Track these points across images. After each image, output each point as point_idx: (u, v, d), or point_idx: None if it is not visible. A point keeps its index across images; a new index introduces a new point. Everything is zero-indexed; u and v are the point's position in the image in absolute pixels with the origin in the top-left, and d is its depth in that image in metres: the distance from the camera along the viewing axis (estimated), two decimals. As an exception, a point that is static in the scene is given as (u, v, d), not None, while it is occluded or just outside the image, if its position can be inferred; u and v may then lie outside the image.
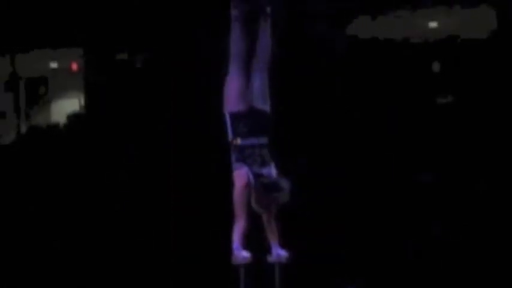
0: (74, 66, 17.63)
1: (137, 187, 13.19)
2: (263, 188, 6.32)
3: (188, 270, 11.80)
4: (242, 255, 6.33)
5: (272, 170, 6.46)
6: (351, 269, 11.19)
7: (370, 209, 11.83)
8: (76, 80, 17.45)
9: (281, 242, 6.64)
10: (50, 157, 14.50)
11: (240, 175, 6.41)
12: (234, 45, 6.43)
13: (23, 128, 17.44)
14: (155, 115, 14.27)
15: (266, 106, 6.53)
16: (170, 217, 12.54)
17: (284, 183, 6.34)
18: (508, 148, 12.14)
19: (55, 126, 16.67)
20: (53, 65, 17.98)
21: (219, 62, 6.64)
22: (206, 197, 12.25)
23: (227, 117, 6.51)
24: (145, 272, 12.01)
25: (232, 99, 6.47)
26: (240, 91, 6.46)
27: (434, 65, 14.01)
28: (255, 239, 6.49)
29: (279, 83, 6.67)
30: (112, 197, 13.19)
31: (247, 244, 6.38)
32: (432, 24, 15.05)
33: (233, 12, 6.33)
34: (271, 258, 6.64)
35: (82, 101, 16.98)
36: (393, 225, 11.70)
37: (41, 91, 18.49)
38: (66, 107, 17.44)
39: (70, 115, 16.56)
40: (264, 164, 6.44)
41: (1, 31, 15.82)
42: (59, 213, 13.19)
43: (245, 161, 6.44)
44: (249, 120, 6.45)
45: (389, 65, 13.81)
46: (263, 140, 6.48)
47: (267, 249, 6.65)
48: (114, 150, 14.09)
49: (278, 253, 6.62)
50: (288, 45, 6.40)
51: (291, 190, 6.32)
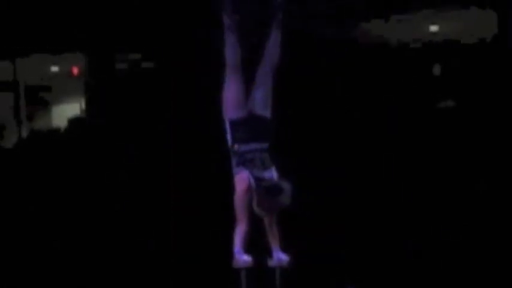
0: (75, 70, 17.63)
1: (138, 191, 13.19)
2: (265, 192, 6.34)
3: (189, 273, 11.79)
4: (243, 259, 6.35)
5: (273, 174, 6.48)
6: (352, 274, 11.18)
7: (371, 213, 11.82)
8: (77, 84, 17.45)
9: (282, 246, 6.65)
10: (51, 161, 14.49)
11: (241, 179, 6.43)
12: (229, 53, 6.44)
13: (24, 132, 17.43)
14: (156, 119, 14.26)
15: (267, 112, 6.54)
16: (171, 221, 12.54)
17: (285, 186, 6.36)
18: (509, 152, 12.13)
19: (56, 130, 16.67)
20: (54, 69, 17.99)
21: (219, 66, 6.64)
22: (207, 201, 12.25)
23: (226, 123, 6.51)
24: (145, 276, 12.00)
25: (230, 106, 6.49)
26: (238, 99, 6.48)
27: (435, 69, 14.01)
28: (256, 243, 6.50)
29: (280, 85, 6.67)
30: (113, 201, 13.19)
31: (248, 248, 6.39)
32: (433, 27, 15.05)
33: (225, 21, 6.32)
34: (272, 262, 6.66)
35: (83, 105, 16.97)
36: (394, 228, 11.69)
37: (42, 95, 18.49)
38: (67, 111, 17.45)
39: (71, 119, 16.55)
40: (265, 168, 6.47)
41: (2, 35, 15.82)
42: (60, 217, 13.18)
43: (246, 165, 6.46)
44: (249, 126, 6.47)
45: (389, 69, 13.81)
46: (263, 145, 6.49)
47: (268, 253, 6.66)
48: (115, 154, 14.08)
49: (279, 257, 6.64)
50: (290, 47, 6.46)
51: (293, 193, 6.33)
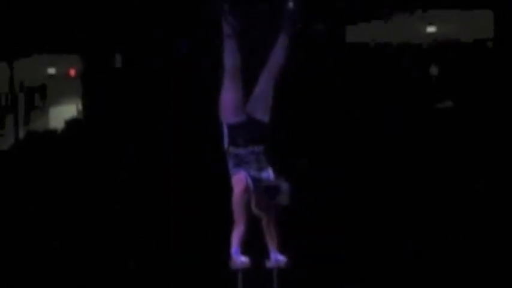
0: (72, 71, 17.61)
1: (135, 192, 13.20)
2: (263, 192, 6.34)
3: (186, 274, 11.80)
4: (240, 260, 6.35)
5: (270, 174, 6.49)
6: (350, 275, 11.19)
7: (369, 214, 11.83)
8: (74, 86, 17.43)
9: (279, 247, 6.65)
10: (48, 163, 14.50)
11: (239, 180, 6.44)
12: (228, 59, 6.43)
13: (21, 134, 17.41)
14: (153, 120, 14.27)
15: (265, 116, 6.54)
16: (169, 222, 12.54)
17: (284, 185, 6.36)
18: (507, 152, 12.15)
19: (53, 131, 16.67)
20: (51, 71, 17.96)
21: (217, 68, 6.65)
22: (204, 202, 12.25)
23: (224, 127, 6.52)
24: (143, 277, 12.01)
25: (227, 111, 6.50)
26: (236, 104, 6.48)
27: (432, 69, 14.02)
28: (254, 244, 6.50)
29: (280, 86, 6.68)
30: (110, 203, 13.19)
31: (245, 249, 6.39)
32: (430, 28, 15.06)
33: (225, 29, 6.33)
34: (269, 263, 6.65)
35: (80, 107, 16.96)
36: (392, 228, 11.70)
37: (39, 97, 18.46)
38: (64, 113, 17.41)
39: (68, 120, 16.55)
40: (262, 169, 6.47)
41: (-1, 37, 15.83)
42: (58, 218, 13.20)
43: (242, 166, 6.47)
44: (246, 130, 6.47)
45: (387, 69, 13.82)
46: (259, 147, 6.50)
47: (266, 254, 6.66)
48: (112, 155, 14.08)
49: (276, 258, 6.63)
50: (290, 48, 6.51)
51: (291, 193, 6.33)
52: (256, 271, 6.47)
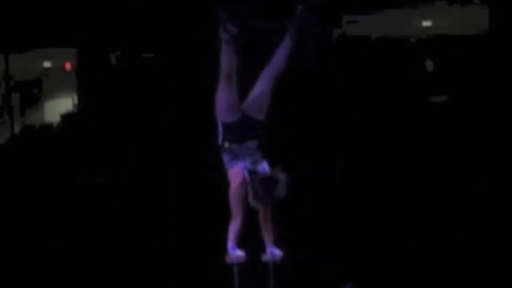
0: (68, 65, 17.56)
1: (132, 187, 13.20)
2: (259, 184, 6.39)
3: (182, 268, 11.82)
4: (236, 254, 6.42)
5: (266, 167, 6.53)
6: (347, 270, 11.22)
7: (366, 208, 11.86)
8: (70, 80, 17.38)
9: (275, 241, 6.69)
10: (44, 157, 14.48)
11: (236, 173, 6.51)
12: (225, 62, 6.47)
13: (16, 128, 17.38)
14: (150, 115, 14.24)
15: (261, 115, 6.59)
16: (165, 217, 12.55)
17: (280, 176, 6.40)
18: (503, 147, 12.16)
19: (48, 126, 16.64)
20: (46, 64, 17.92)
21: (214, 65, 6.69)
22: (200, 197, 12.26)
23: (219, 124, 6.57)
24: (139, 271, 12.03)
25: (222, 111, 6.56)
26: (230, 105, 6.53)
27: (427, 64, 14.02)
28: (250, 238, 6.54)
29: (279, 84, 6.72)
30: (106, 197, 13.19)
31: (241, 243, 6.43)
32: (425, 23, 15.05)
33: (222, 35, 6.37)
34: (265, 257, 6.71)
35: (76, 101, 16.91)
36: (390, 224, 11.72)
37: (34, 91, 18.43)
38: (59, 107, 17.37)
39: (64, 115, 16.52)
40: (257, 162, 6.51)
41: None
42: (53, 214, 13.20)
43: (238, 159, 6.52)
44: (241, 128, 6.53)
45: (382, 64, 13.80)
46: (254, 143, 6.55)
47: (262, 248, 6.70)
48: (108, 150, 14.07)
49: (272, 252, 6.69)
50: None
51: (288, 184, 6.37)
52: (252, 265, 6.50)
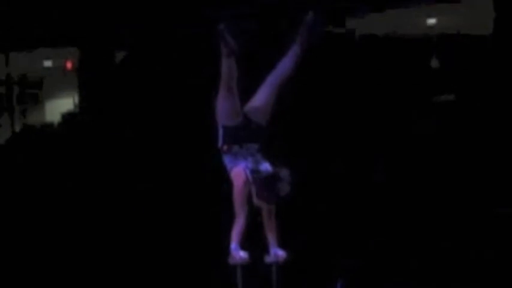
0: (69, 64, 17.59)
1: (133, 187, 13.21)
2: (263, 182, 6.39)
3: (185, 269, 11.83)
4: (240, 255, 6.40)
5: (268, 166, 6.54)
6: (351, 271, 11.23)
7: (368, 209, 11.85)
8: (71, 79, 17.41)
9: (279, 242, 6.70)
10: (45, 157, 14.50)
11: (238, 173, 6.51)
12: (225, 73, 6.45)
13: (17, 128, 17.43)
14: (151, 114, 14.25)
15: (263, 121, 6.60)
16: (167, 217, 12.56)
17: (284, 173, 6.40)
18: (508, 146, 12.15)
19: (49, 125, 16.68)
20: (47, 64, 17.97)
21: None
22: (203, 197, 12.27)
23: (219, 127, 6.58)
24: (141, 271, 12.03)
25: (222, 115, 6.56)
26: (230, 111, 6.53)
27: (432, 62, 14.02)
28: (253, 239, 6.54)
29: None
30: (108, 197, 13.20)
31: (244, 243, 6.44)
32: (430, 20, 15.06)
33: (223, 49, 6.35)
34: (269, 258, 6.70)
35: (77, 100, 16.95)
36: (391, 225, 11.72)
37: (35, 90, 18.47)
38: (60, 106, 17.42)
39: (65, 114, 16.55)
40: (258, 162, 6.52)
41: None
42: (54, 213, 13.22)
43: (239, 160, 6.53)
44: (241, 132, 6.53)
45: (386, 62, 13.80)
46: (256, 145, 6.56)
47: (265, 249, 6.70)
48: (109, 150, 14.08)
49: (276, 253, 6.68)
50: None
51: (291, 180, 6.37)
52: (255, 266, 6.51)
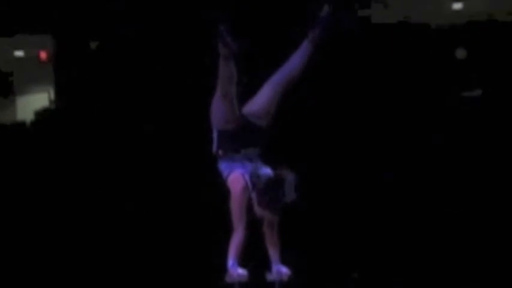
0: (43, 55, 17.67)
1: (111, 190, 13.26)
2: (265, 186, 6.41)
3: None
4: (238, 272, 6.41)
5: (269, 171, 6.55)
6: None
7: (377, 224, 11.97)
8: (45, 71, 17.49)
9: (282, 258, 6.67)
10: (16, 157, 14.55)
11: (236, 179, 6.53)
12: (223, 75, 6.46)
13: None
14: (136, 112, 14.32)
15: (264, 122, 6.61)
16: (156, 230, 12.61)
17: (288, 177, 6.40)
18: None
19: (21, 124, 16.71)
20: (19, 54, 18.04)
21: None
22: (196, 207, 12.33)
23: (214, 131, 6.60)
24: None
25: (217, 119, 6.59)
26: (226, 116, 6.55)
27: (458, 52, 14.05)
28: (253, 254, 6.52)
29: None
30: (83, 201, 13.26)
31: (243, 260, 6.41)
32: (456, 5, 15.10)
33: (221, 51, 6.36)
34: (271, 276, 6.69)
35: (52, 95, 17.01)
36: (400, 238, 11.83)
37: (5, 84, 18.52)
38: (34, 103, 17.49)
39: (38, 112, 16.60)
40: (258, 168, 6.52)
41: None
42: (26, 220, 13.29)
43: (236, 165, 6.53)
44: (239, 136, 6.56)
45: (407, 52, 13.85)
46: (255, 150, 6.57)
47: (267, 265, 6.68)
48: (87, 150, 14.12)
49: (279, 270, 6.68)
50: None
51: (297, 186, 6.37)
52: (255, 285, 6.47)
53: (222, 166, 6.62)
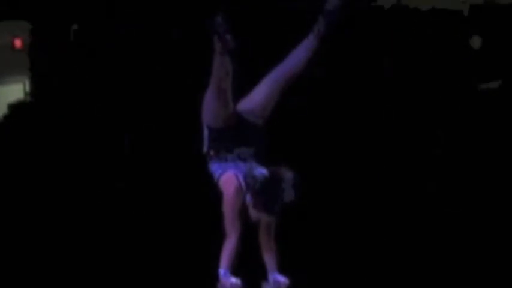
0: (18, 42, 17.61)
1: (91, 189, 13.29)
2: (260, 186, 6.53)
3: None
4: (230, 281, 6.54)
5: (263, 170, 6.64)
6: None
7: (384, 226, 12.03)
8: (20, 60, 17.42)
9: (279, 265, 6.79)
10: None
11: (228, 179, 6.70)
12: (217, 71, 6.62)
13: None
14: (120, 105, 14.27)
15: (260, 120, 6.78)
16: (140, 235, 12.64)
17: (286, 175, 6.53)
18: None
19: (-7, 118, 16.73)
20: (-10, 41, 18.02)
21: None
22: (185, 211, 12.35)
23: (205, 129, 6.76)
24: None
25: (209, 116, 6.76)
26: (219, 114, 6.70)
27: (473, 40, 14.06)
28: (247, 262, 6.64)
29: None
30: (60, 202, 13.28)
31: (237, 268, 6.53)
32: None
33: (217, 45, 6.50)
34: (267, 285, 6.82)
35: (28, 87, 16.94)
36: (408, 241, 11.92)
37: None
38: (8, 94, 17.45)
39: (13, 104, 16.57)
40: (252, 168, 6.63)
41: None
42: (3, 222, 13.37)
43: (228, 165, 6.65)
44: (232, 135, 6.74)
45: (416, 41, 13.82)
46: (249, 150, 6.69)
47: (263, 274, 6.80)
48: (65, 146, 14.11)
49: (276, 279, 6.82)
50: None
51: (296, 185, 6.50)
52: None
53: (214, 167, 6.75)
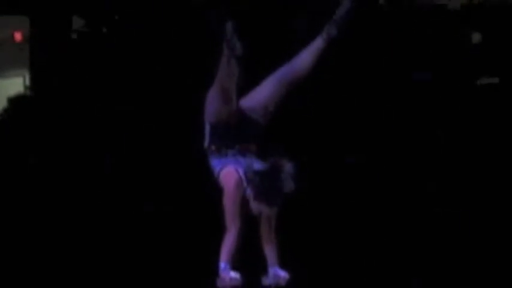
0: (18, 36, 17.60)
1: (90, 184, 13.30)
2: (260, 178, 6.59)
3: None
4: (230, 276, 6.59)
5: (263, 165, 6.72)
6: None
7: (386, 221, 12.03)
8: (20, 54, 17.40)
9: (280, 259, 6.82)
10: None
11: (228, 173, 6.76)
12: (222, 73, 6.66)
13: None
14: (119, 99, 14.28)
15: (263, 119, 6.82)
16: (140, 231, 12.65)
17: (286, 166, 6.59)
18: None
19: (-7, 111, 16.73)
20: (-9, 35, 18.03)
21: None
22: (185, 205, 12.36)
23: (206, 125, 6.82)
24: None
25: (211, 114, 6.81)
26: (222, 112, 6.76)
27: (474, 36, 14.06)
28: (247, 256, 6.67)
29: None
30: (60, 195, 13.29)
31: (237, 262, 6.56)
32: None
33: (226, 51, 6.53)
34: (267, 280, 6.85)
35: (27, 80, 16.92)
36: (407, 238, 11.92)
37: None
38: (8, 88, 17.43)
39: (13, 98, 16.58)
40: (253, 163, 6.67)
41: None
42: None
43: (228, 160, 6.69)
44: (234, 132, 6.79)
45: (415, 36, 13.83)
46: (250, 146, 6.73)
47: (263, 268, 6.83)
48: (65, 140, 14.12)
49: (276, 273, 6.84)
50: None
51: (296, 175, 6.55)
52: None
53: (214, 162, 6.82)
